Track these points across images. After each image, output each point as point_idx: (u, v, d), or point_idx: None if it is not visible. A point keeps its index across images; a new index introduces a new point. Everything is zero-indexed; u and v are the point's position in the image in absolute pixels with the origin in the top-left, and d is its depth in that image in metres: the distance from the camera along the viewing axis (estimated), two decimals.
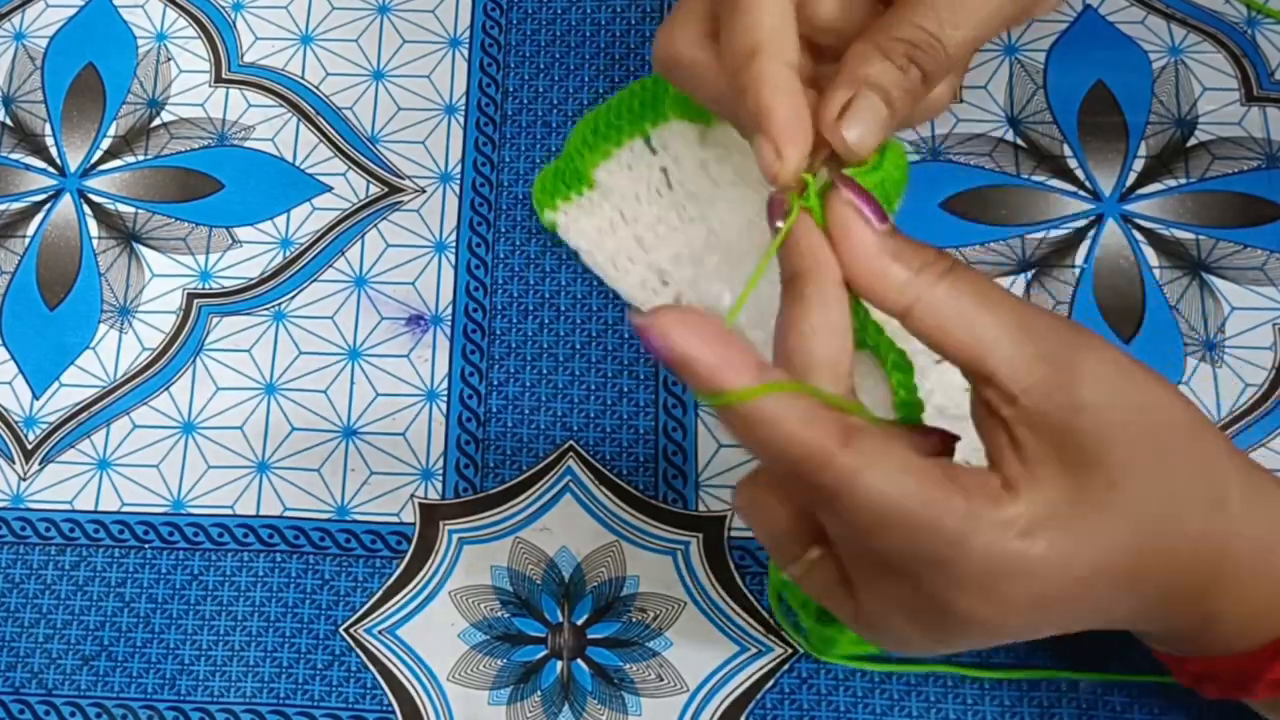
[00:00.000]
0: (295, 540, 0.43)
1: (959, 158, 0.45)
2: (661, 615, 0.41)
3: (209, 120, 0.48)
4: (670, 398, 0.43)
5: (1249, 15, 0.46)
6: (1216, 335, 0.42)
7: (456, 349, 0.44)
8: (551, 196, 0.43)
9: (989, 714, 0.39)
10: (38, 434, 0.45)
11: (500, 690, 0.40)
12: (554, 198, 0.43)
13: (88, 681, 0.42)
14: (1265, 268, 0.43)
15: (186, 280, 0.46)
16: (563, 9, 0.49)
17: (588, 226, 0.43)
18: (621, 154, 0.43)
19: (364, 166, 0.47)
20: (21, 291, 0.47)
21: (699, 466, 0.43)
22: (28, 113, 0.49)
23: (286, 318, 0.45)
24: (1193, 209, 0.44)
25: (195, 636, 0.42)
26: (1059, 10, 0.47)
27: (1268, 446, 0.41)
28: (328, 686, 0.41)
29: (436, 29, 0.49)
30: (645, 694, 0.40)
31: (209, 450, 0.44)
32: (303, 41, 0.49)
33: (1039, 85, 0.46)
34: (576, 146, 0.43)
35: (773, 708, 0.40)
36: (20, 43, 0.50)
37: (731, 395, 0.26)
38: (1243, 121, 0.45)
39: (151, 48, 0.50)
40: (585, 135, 0.43)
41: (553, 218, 0.43)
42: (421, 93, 0.48)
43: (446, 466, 0.43)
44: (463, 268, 0.45)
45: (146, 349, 0.45)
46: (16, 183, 0.48)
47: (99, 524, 0.43)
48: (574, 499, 0.42)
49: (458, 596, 0.42)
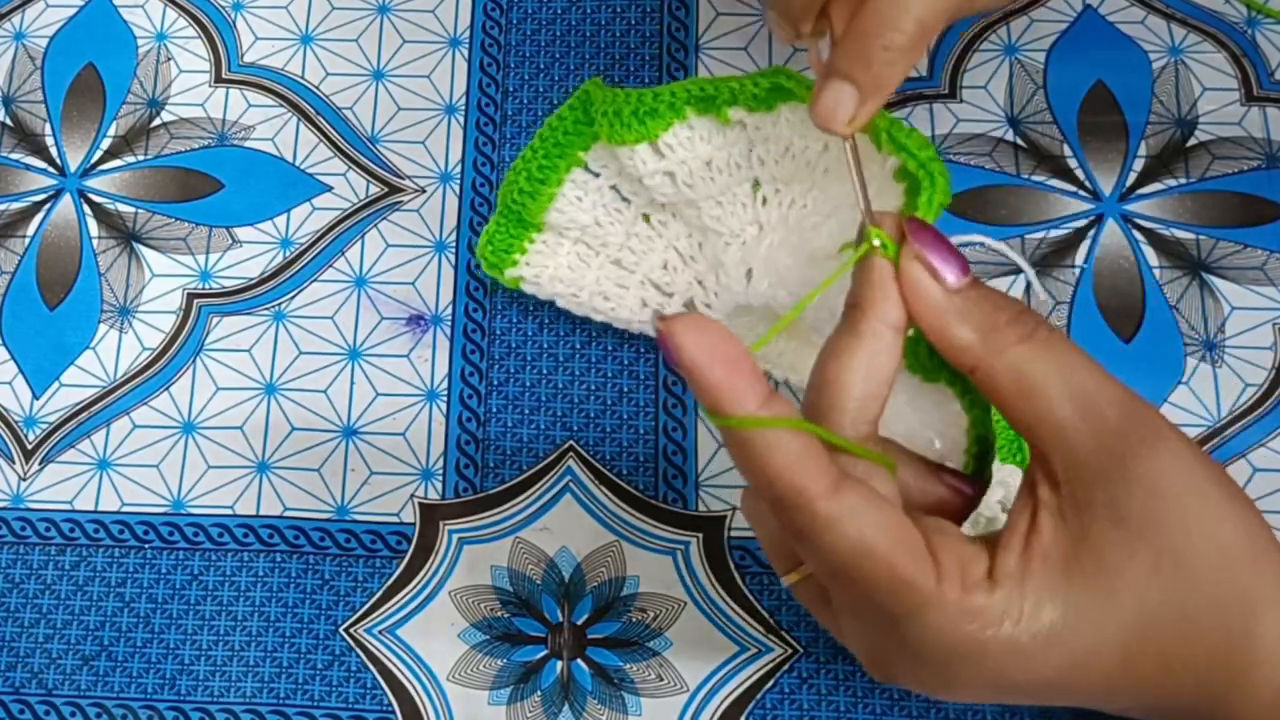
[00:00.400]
0: (295, 540, 0.43)
1: (959, 158, 0.45)
2: (661, 615, 0.41)
3: (209, 120, 0.48)
4: (670, 398, 0.43)
5: (1249, 15, 0.46)
6: (1216, 335, 0.42)
7: (456, 349, 0.44)
8: (505, 254, 0.42)
9: (989, 714, 0.39)
10: (38, 434, 0.45)
11: (500, 690, 0.40)
12: (508, 254, 0.42)
13: (88, 681, 0.42)
14: (1265, 268, 0.43)
15: (186, 280, 0.46)
16: (563, 9, 0.49)
17: (556, 269, 0.42)
18: (564, 190, 0.41)
19: (364, 166, 0.47)
20: (21, 291, 0.47)
21: (699, 466, 0.43)
22: (28, 113, 0.49)
23: (286, 318, 0.45)
24: (1193, 209, 0.44)
25: (195, 636, 0.42)
26: (1059, 10, 0.47)
27: (1268, 446, 0.41)
28: (328, 686, 0.41)
29: (436, 29, 0.49)
30: (645, 694, 0.40)
31: (209, 450, 0.44)
32: (303, 41, 0.49)
33: (1039, 85, 0.46)
34: (513, 198, 0.41)
35: (773, 708, 0.40)
36: (20, 43, 0.50)
37: (730, 420, 0.26)
38: (1243, 121, 0.45)
39: (151, 48, 0.50)
40: (520, 184, 0.41)
41: (514, 274, 0.42)
42: (421, 93, 0.48)
43: (446, 466, 0.43)
44: (463, 268, 0.45)
45: (146, 349, 0.45)
46: (16, 183, 0.48)
47: (99, 524, 0.43)
48: (574, 499, 0.42)
49: (458, 596, 0.42)
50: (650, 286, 0.42)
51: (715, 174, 0.39)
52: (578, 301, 0.42)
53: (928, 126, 0.46)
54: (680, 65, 0.47)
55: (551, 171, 0.41)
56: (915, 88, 0.46)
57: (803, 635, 0.40)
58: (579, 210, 0.41)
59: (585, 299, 0.42)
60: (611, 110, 0.39)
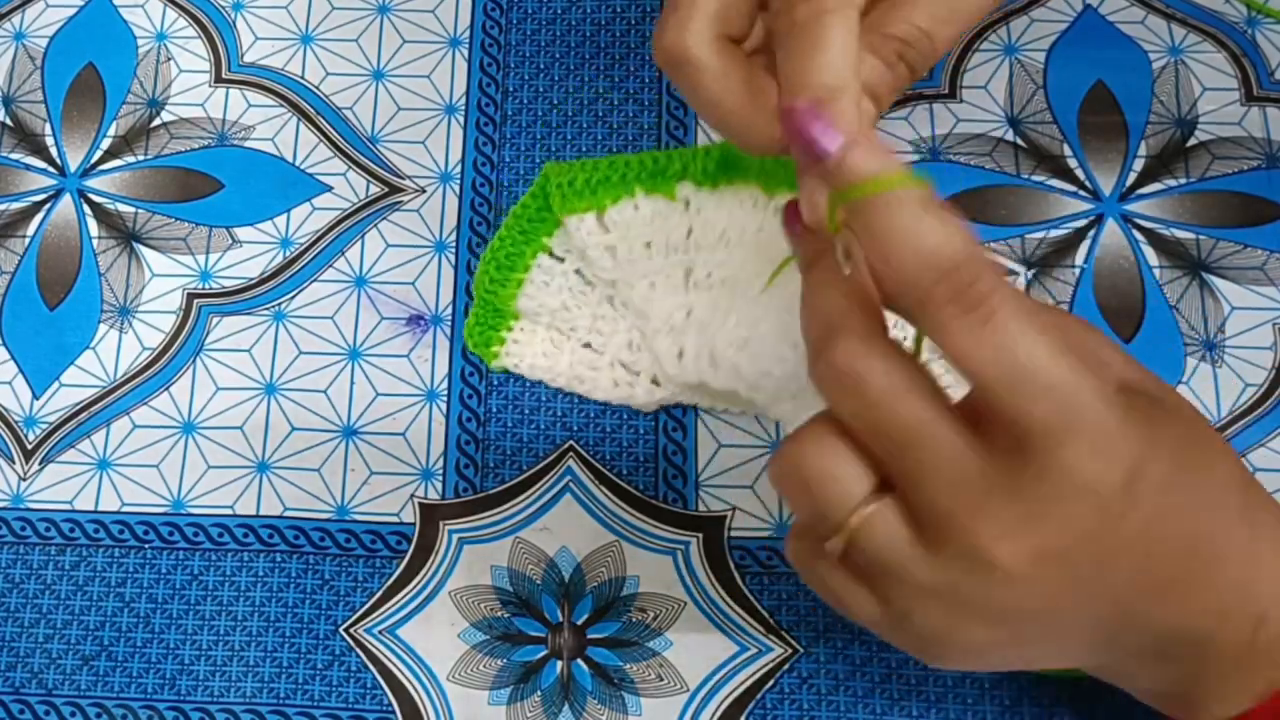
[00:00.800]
0: (295, 540, 0.43)
1: (959, 158, 0.45)
2: (661, 615, 0.41)
3: (209, 120, 0.48)
4: None
5: (1249, 15, 0.46)
6: (1216, 335, 0.42)
7: (456, 349, 0.44)
8: (488, 345, 0.43)
9: (989, 714, 0.39)
10: (38, 434, 0.45)
11: (500, 690, 0.40)
12: (490, 345, 0.43)
13: (88, 681, 0.42)
14: (1265, 268, 0.43)
15: (186, 280, 0.46)
16: (563, 9, 0.49)
17: (533, 356, 0.43)
18: (532, 275, 0.43)
19: (364, 166, 0.47)
20: (21, 291, 0.47)
21: (699, 466, 0.43)
22: (28, 113, 0.49)
23: (286, 318, 0.45)
24: (1193, 209, 0.44)
25: (195, 636, 0.42)
26: (1059, 10, 0.47)
27: (1267, 446, 0.41)
28: (328, 686, 0.41)
29: (436, 29, 0.49)
30: (645, 694, 0.40)
31: (209, 450, 0.44)
32: (303, 41, 0.49)
33: (1039, 85, 0.46)
34: (486, 288, 0.43)
35: (773, 708, 0.40)
36: (20, 43, 0.50)
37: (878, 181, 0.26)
38: (1243, 121, 0.45)
39: (151, 48, 0.50)
40: (490, 273, 0.43)
41: (500, 364, 0.43)
42: (421, 93, 0.48)
43: (446, 466, 0.43)
44: (463, 268, 0.45)
45: (146, 349, 0.45)
46: (16, 183, 0.48)
47: (99, 524, 0.43)
48: (574, 499, 0.42)
49: (458, 596, 0.42)
50: (619, 367, 0.43)
51: (653, 254, 0.41)
52: (560, 384, 0.43)
53: (928, 126, 0.46)
54: None
55: (519, 258, 0.43)
56: (915, 87, 0.46)
57: (803, 635, 0.40)
58: (547, 294, 0.43)
59: (563, 382, 0.43)
60: (565, 180, 0.42)
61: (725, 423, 0.43)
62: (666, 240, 0.41)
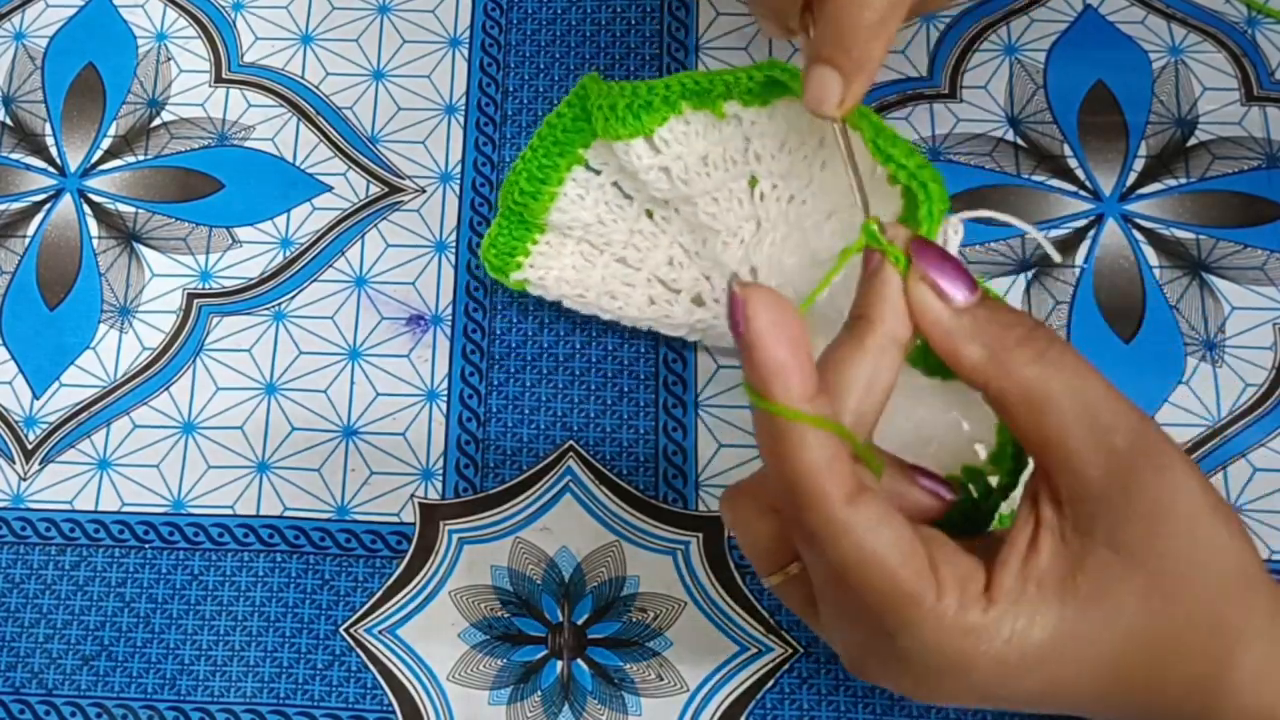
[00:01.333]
0: (295, 540, 0.43)
1: (959, 158, 0.45)
2: (661, 615, 0.41)
3: (209, 120, 0.48)
4: (670, 397, 0.43)
5: (1249, 15, 0.46)
6: (1216, 335, 0.42)
7: (456, 349, 0.44)
8: (509, 257, 0.42)
9: (989, 714, 0.39)
10: (38, 434, 0.45)
11: (500, 690, 0.40)
12: (512, 256, 0.42)
13: (88, 681, 0.42)
14: (1265, 268, 0.43)
15: (186, 280, 0.46)
16: (563, 9, 0.49)
17: (561, 270, 0.42)
18: (566, 189, 0.41)
19: (364, 166, 0.47)
20: (21, 291, 0.47)
21: (699, 466, 0.43)
22: (28, 113, 0.49)
23: (286, 318, 0.45)
24: (1193, 209, 0.44)
25: (195, 636, 0.42)
26: (1059, 10, 0.47)
27: (1267, 446, 0.41)
28: (328, 686, 0.41)
29: (436, 29, 0.49)
30: (645, 694, 0.40)
31: (209, 450, 0.44)
32: (303, 41, 0.49)
33: (1039, 85, 0.46)
34: (515, 199, 0.41)
35: (773, 708, 0.40)
36: (20, 43, 0.50)
37: (776, 406, 0.26)
38: (1243, 121, 0.45)
39: (151, 48, 0.50)
40: (520, 185, 0.41)
41: (520, 276, 0.42)
42: (421, 93, 0.48)
43: (446, 466, 0.43)
44: (463, 268, 0.45)
45: (146, 349, 0.45)
46: (16, 183, 0.48)
47: (99, 524, 0.43)
48: (574, 499, 0.42)
49: (458, 596, 0.42)
50: (657, 283, 0.42)
51: (711, 169, 0.39)
52: (584, 301, 0.42)
53: (928, 126, 0.46)
54: (680, 65, 0.47)
55: (552, 170, 0.41)
56: (915, 88, 0.46)
57: (803, 635, 0.40)
58: (581, 209, 0.41)
59: (592, 299, 0.42)
60: (607, 104, 0.38)
61: (725, 423, 0.43)
62: (725, 153, 0.39)
